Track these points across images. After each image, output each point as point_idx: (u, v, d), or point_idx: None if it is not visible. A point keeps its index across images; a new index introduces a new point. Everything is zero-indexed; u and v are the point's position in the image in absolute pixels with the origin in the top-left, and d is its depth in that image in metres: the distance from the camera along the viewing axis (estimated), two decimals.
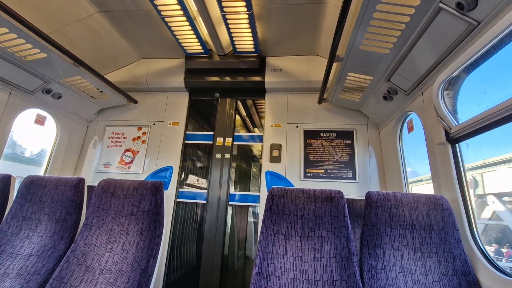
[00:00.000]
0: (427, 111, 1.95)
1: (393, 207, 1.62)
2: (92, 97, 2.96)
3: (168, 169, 2.98)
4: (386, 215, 1.61)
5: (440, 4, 1.40)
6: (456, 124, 1.72)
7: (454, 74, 1.65)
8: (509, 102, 1.33)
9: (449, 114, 1.76)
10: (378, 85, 2.31)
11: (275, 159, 2.92)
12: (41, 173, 2.91)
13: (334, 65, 2.23)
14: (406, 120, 2.46)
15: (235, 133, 3.16)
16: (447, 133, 1.78)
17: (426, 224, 1.57)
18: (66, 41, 2.50)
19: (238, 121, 3.90)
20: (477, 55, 1.44)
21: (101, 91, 2.89)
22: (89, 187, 2.14)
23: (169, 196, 2.89)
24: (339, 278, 1.48)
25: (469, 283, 1.44)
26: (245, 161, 4.61)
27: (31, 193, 1.96)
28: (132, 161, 3.08)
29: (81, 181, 1.98)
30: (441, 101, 1.77)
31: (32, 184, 1.99)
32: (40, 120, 2.75)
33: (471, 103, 1.74)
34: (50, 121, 2.93)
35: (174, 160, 3.04)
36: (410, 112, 2.31)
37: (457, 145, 1.75)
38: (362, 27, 1.71)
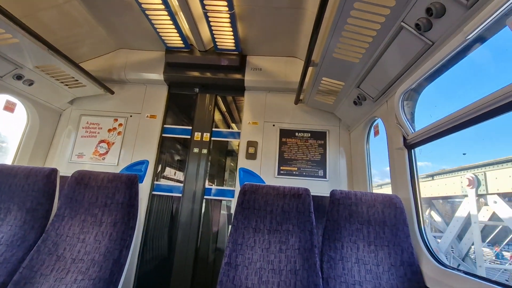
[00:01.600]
0: (390, 118, 2.13)
1: (353, 204, 1.78)
2: (66, 85, 2.89)
3: (144, 162, 2.99)
4: (347, 212, 1.77)
5: (402, 23, 1.55)
6: (413, 131, 1.91)
7: (413, 86, 1.82)
8: (454, 115, 1.51)
9: (407, 122, 1.94)
10: (349, 90, 2.47)
11: (251, 156, 3.03)
12: (8, 162, 2.81)
13: (310, 69, 2.35)
14: (373, 125, 2.65)
15: (214, 129, 3.22)
16: (404, 139, 1.97)
17: (381, 220, 1.75)
18: (41, 27, 2.42)
19: (218, 116, 3.95)
20: (431, 71, 1.62)
21: (76, 80, 2.83)
22: (61, 177, 2.12)
23: (144, 188, 2.91)
24: (301, 267, 1.62)
25: (413, 273, 1.64)
26: (223, 156, 4.69)
27: (0, 182, 1.92)
28: (107, 152, 3.05)
29: (54, 171, 1.97)
30: (401, 110, 1.95)
31: (1, 173, 1.95)
32: (9, 107, 2.64)
33: (426, 113, 1.94)
34: (21, 108, 2.83)
35: (150, 153, 3.05)
36: (376, 118, 2.49)
37: (412, 150, 1.95)
38: (335, 37, 1.84)
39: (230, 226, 3.23)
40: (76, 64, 2.59)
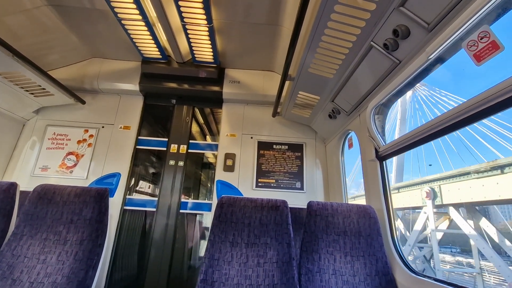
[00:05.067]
0: (362, 131, 2.22)
1: (329, 215, 1.81)
2: (32, 93, 2.71)
3: (116, 175, 2.84)
4: (323, 223, 1.79)
5: (371, 43, 1.65)
6: (384, 144, 2.00)
7: (383, 101, 1.93)
8: (420, 129, 1.62)
9: (379, 135, 2.04)
10: (324, 104, 2.56)
11: (229, 168, 2.99)
12: None
13: (287, 83, 2.42)
14: (347, 137, 2.75)
15: (191, 141, 3.16)
16: (376, 151, 2.05)
17: (356, 231, 1.79)
18: (6, 32, 2.29)
19: (195, 128, 3.90)
20: (399, 87, 1.73)
21: (44, 88, 2.67)
22: (21, 192, 1.95)
23: (115, 203, 2.75)
24: (279, 282, 1.60)
25: (388, 282, 1.67)
26: (200, 168, 4.60)
27: None
28: (75, 165, 2.87)
29: (13, 186, 1.80)
30: (372, 124, 2.05)
31: None
32: None
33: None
34: None
35: (123, 166, 2.91)
36: (350, 131, 2.59)
37: (384, 162, 2.04)
38: (310, 54, 1.92)
39: (204, 241, 3.13)
40: (44, 71, 2.45)
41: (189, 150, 3.13)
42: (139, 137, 3.11)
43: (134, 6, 2.18)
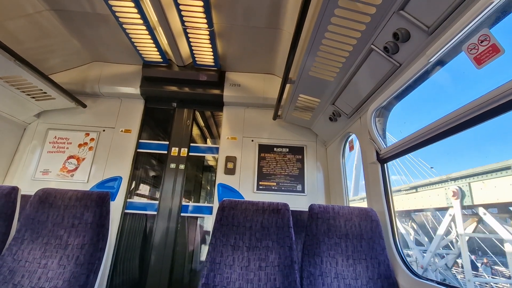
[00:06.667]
0: (363, 133, 2.22)
1: (331, 218, 1.80)
2: (33, 97, 2.72)
3: (117, 179, 2.84)
4: (325, 226, 1.78)
5: (372, 46, 1.66)
6: (385, 146, 2.00)
7: (383, 104, 1.93)
8: (422, 131, 1.62)
9: (380, 138, 2.04)
10: (325, 107, 2.57)
11: (229, 171, 2.99)
12: None
13: (287, 86, 2.42)
14: (348, 140, 2.76)
15: (191, 144, 3.16)
16: (377, 154, 2.06)
17: (358, 234, 1.78)
18: (8, 37, 2.30)
19: (196, 131, 3.90)
20: (399, 90, 1.73)
21: (45, 92, 2.68)
22: (22, 196, 1.95)
23: (116, 206, 2.74)
24: (281, 285, 1.59)
25: (390, 285, 1.66)
26: (201, 171, 4.60)
27: None
28: (76, 168, 2.86)
29: (14, 190, 1.80)
30: (373, 126, 2.05)
31: None
32: None
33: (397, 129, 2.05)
34: None
35: (124, 169, 2.91)
36: (350, 133, 2.60)
37: (385, 164, 2.03)
38: (311, 57, 1.92)
39: (206, 244, 3.13)
40: (45, 75, 2.46)
41: (190, 153, 3.13)
42: (140, 141, 3.11)
43: (135, 10, 2.19)
